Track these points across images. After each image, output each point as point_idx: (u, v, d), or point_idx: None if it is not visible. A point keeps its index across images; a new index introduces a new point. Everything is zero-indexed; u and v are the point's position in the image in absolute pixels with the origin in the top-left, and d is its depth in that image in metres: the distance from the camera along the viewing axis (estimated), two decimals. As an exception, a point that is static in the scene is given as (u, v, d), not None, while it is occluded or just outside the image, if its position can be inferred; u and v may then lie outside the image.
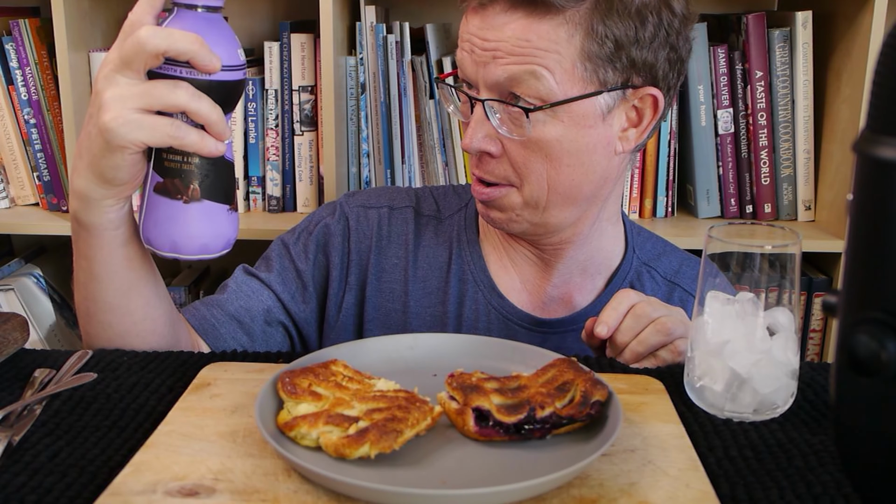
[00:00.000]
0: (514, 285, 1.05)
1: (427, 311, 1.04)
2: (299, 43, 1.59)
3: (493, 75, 0.88)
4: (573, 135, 0.90)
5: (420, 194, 1.12)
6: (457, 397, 0.67)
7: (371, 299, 1.05)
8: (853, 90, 1.53)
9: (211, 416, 0.69)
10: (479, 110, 0.90)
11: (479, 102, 0.90)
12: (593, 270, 1.05)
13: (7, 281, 1.64)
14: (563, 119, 0.89)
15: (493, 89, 0.89)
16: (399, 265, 1.06)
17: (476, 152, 0.92)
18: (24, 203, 1.70)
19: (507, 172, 0.92)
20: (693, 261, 1.10)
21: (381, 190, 1.13)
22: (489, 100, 0.90)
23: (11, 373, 0.81)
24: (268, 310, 1.03)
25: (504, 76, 0.87)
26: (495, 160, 0.92)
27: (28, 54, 1.59)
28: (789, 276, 0.72)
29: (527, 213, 0.95)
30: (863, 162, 0.46)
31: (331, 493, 0.58)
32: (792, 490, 0.62)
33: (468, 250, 1.06)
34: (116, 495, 0.58)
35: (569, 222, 0.97)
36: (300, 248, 1.06)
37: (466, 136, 0.91)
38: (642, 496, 0.59)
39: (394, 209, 1.08)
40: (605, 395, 0.67)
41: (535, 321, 1.03)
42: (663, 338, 0.84)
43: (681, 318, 0.86)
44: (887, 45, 0.44)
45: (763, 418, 0.73)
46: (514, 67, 0.87)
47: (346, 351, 0.77)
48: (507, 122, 0.90)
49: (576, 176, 0.92)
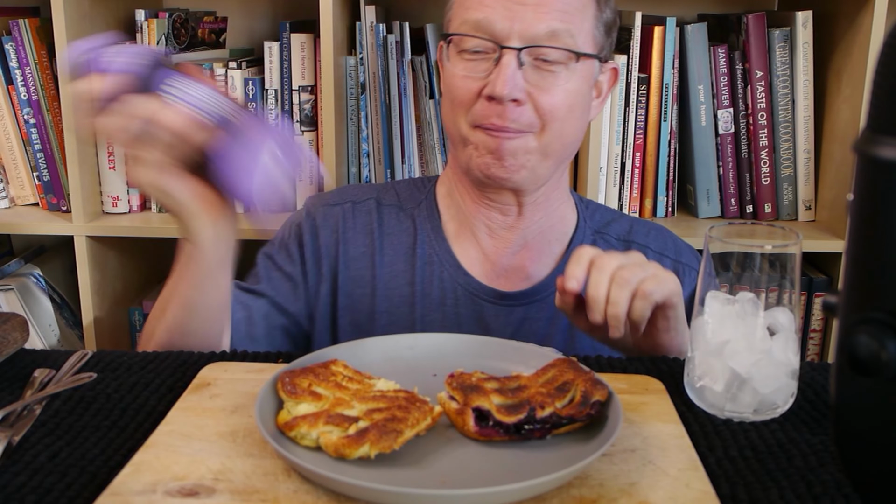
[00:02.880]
0: (476, 258, 1.10)
1: (395, 293, 1.08)
2: (299, 43, 1.59)
3: (534, 28, 0.97)
4: (584, 90, 1.02)
5: (381, 188, 1.17)
6: (457, 397, 0.67)
7: (343, 287, 1.10)
8: (853, 90, 1.53)
9: (211, 416, 0.69)
10: (511, 60, 0.97)
11: (511, 52, 0.96)
12: (551, 238, 1.11)
13: (7, 281, 1.63)
14: (583, 74, 1.01)
15: (528, 42, 0.97)
16: (366, 253, 1.10)
17: (509, 98, 0.97)
18: (24, 203, 1.70)
19: (531, 119, 0.99)
20: (641, 223, 1.16)
21: (344, 189, 1.19)
22: (538, 46, 0.97)
23: (11, 373, 0.81)
24: (266, 315, 1.07)
25: (546, 30, 0.97)
26: (520, 108, 0.98)
27: (28, 54, 1.59)
28: (789, 276, 0.72)
29: (534, 159, 1.01)
30: (863, 162, 0.46)
31: (331, 493, 0.58)
32: (792, 490, 0.62)
33: (432, 235, 1.11)
34: (116, 495, 0.58)
35: (549, 177, 1.05)
36: (283, 254, 1.11)
37: (503, 84, 0.96)
38: (642, 496, 0.59)
39: (356, 203, 1.14)
40: (605, 395, 0.67)
41: (499, 294, 1.08)
42: (628, 290, 0.84)
43: (637, 262, 0.86)
44: (887, 45, 0.44)
45: (763, 418, 0.73)
46: (556, 23, 0.97)
47: (346, 351, 0.77)
48: (537, 71, 0.98)
49: (577, 129, 1.04)
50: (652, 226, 1.16)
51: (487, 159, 1.01)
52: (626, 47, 1.55)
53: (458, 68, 1.02)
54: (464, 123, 1.02)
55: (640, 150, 1.61)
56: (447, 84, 1.04)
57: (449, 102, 1.04)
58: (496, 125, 0.99)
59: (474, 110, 1.00)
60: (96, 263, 1.60)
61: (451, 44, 1.03)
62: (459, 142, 1.04)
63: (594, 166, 1.56)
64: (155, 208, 1.66)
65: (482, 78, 0.99)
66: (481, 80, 0.99)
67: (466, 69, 1.01)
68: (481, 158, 1.01)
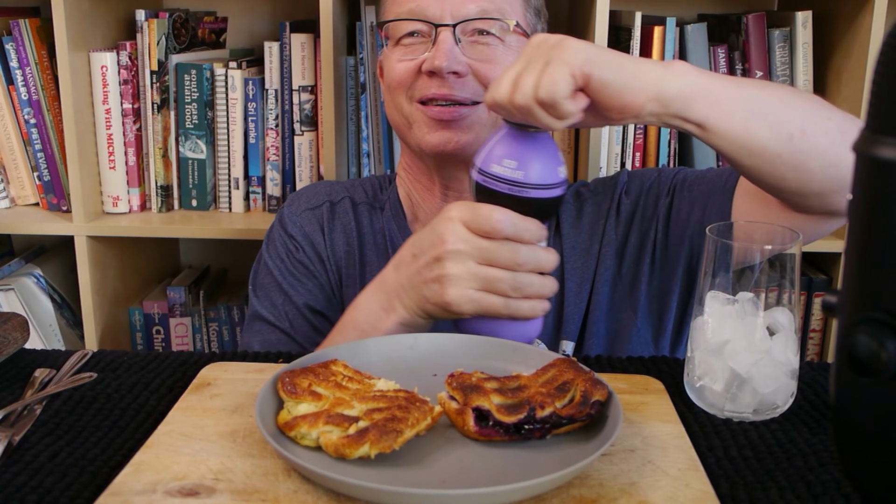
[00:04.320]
0: None
1: None
2: (299, 43, 1.59)
3: (465, 8, 1.01)
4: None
5: (349, 186, 1.19)
6: (457, 397, 0.67)
7: (344, 285, 1.11)
8: (853, 90, 1.53)
9: (211, 416, 0.69)
10: (448, 37, 1.00)
11: (447, 29, 1.00)
12: None
13: (7, 281, 1.63)
14: (518, 49, 1.01)
15: (459, 20, 1.01)
16: (350, 252, 1.12)
17: (448, 70, 0.99)
18: (24, 203, 1.70)
19: (476, 89, 1.02)
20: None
21: (314, 188, 1.19)
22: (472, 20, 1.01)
23: (11, 373, 0.81)
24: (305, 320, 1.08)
25: (476, 9, 1.01)
26: (461, 80, 1.01)
27: (28, 54, 1.59)
28: (789, 276, 0.72)
29: (488, 129, 1.02)
30: (863, 162, 0.46)
31: (331, 493, 0.58)
32: (792, 490, 0.62)
33: (398, 235, 1.12)
34: (116, 495, 0.58)
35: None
36: (299, 267, 1.11)
37: (442, 56, 0.99)
38: (642, 496, 0.59)
39: (334, 203, 1.15)
40: (605, 395, 0.67)
41: None
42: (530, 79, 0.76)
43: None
44: (887, 45, 0.44)
45: (763, 418, 0.73)
46: (485, 3, 1.01)
47: (346, 351, 0.77)
48: (475, 46, 1.02)
49: None
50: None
51: (436, 133, 1.02)
52: (626, 47, 1.55)
53: (396, 54, 1.04)
54: (404, 101, 1.04)
55: (640, 150, 1.61)
56: (386, 73, 1.06)
57: (388, 89, 1.06)
58: (438, 94, 1.00)
59: (415, 87, 1.03)
60: (96, 263, 1.60)
61: (388, 37, 1.05)
62: (404, 125, 1.06)
63: (594, 166, 1.56)
64: (155, 208, 1.66)
65: (419, 58, 1.02)
66: (418, 60, 1.02)
67: (404, 53, 1.04)
68: (430, 134, 1.02)
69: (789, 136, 0.78)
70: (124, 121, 1.60)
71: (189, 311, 1.75)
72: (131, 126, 1.61)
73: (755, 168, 0.81)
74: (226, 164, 1.66)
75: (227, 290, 1.87)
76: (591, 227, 1.09)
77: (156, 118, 1.61)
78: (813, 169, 0.80)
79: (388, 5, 1.07)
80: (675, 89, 0.76)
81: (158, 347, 1.77)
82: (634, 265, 1.07)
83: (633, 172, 1.13)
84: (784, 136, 0.78)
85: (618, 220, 1.08)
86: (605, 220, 1.09)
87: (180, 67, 1.61)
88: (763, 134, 0.78)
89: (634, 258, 1.07)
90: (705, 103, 0.77)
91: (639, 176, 1.11)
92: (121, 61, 1.57)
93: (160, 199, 1.65)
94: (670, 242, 1.05)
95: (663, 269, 1.06)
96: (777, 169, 0.80)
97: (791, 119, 0.79)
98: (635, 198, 1.09)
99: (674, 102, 0.77)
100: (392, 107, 1.07)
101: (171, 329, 1.75)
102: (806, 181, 0.81)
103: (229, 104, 1.62)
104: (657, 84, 0.76)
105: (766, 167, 0.80)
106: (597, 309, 1.07)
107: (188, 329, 1.75)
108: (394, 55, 1.05)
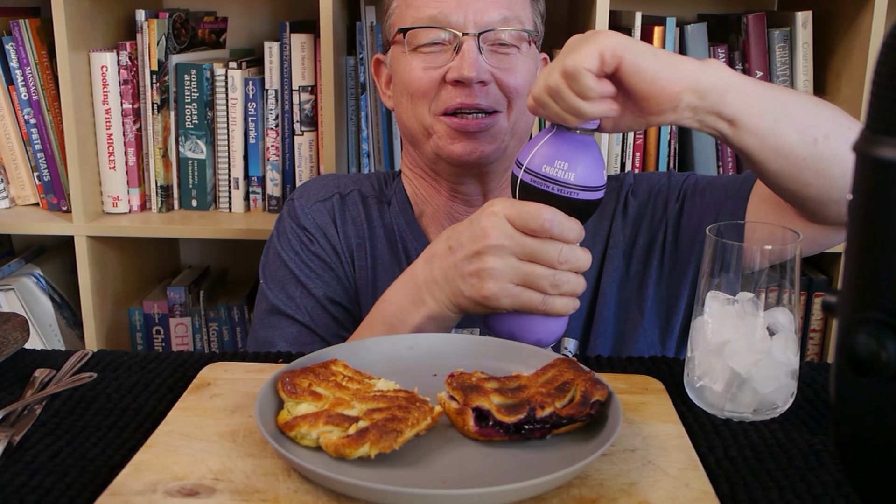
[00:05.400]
0: None
1: (388, 286, 1.07)
2: (299, 43, 1.59)
3: (487, 16, 1.01)
4: (535, 74, 1.06)
5: (357, 179, 1.18)
6: (457, 397, 0.67)
7: (360, 280, 1.11)
8: (853, 90, 1.53)
9: (211, 416, 0.69)
10: (473, 45, 1.00)
11: (471, 38, 1.00)
12: None
13: (7, 281, 1.63)
14: (532, 57, 1.06)
15: (484, 28, 1.01)
16: (361, 244, 1.12)
17: (477, 80, 1.00)
18: (24, 203, 1.70)
19: (498, 97, 1.03)
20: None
21: (323, 180, 1.19)
22: (495, 30, 1.01)
23: (11, 373, 0.81)
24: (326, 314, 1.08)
25: (498, 17, 1.02)
26: (485, 89, 1.02)
27: (28, 54, 1.59)
28: (789, 276, 0.72)
29: (508, 138, 1.05)
30: (863, 162, 0.46)
31: (331, 493, 0.58)
32: (792, 490, 0.62)
33: (407, 229, 1.12)
34: (116, 495, 0.58)
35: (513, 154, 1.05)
36: (315, 259, 1.10)
37: (470, 66, 0.99)
38: (642, 496, 0.59)
39: (344, 195, 1.15)
40: (605, 395, 0.67)
41: None
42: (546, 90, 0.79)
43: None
44: (887, 45, 0.44)
45: (763, 418, 0.73)
46: (505, 11, 1.02)
47: (346, 351, 0.77)
48: (495, 55, 1.03)
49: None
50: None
51: (459, 143, 1.02)
52: (626, 47, 1.55)
53: (416, 62, 1.03)
54: (427, 113, 1.04)
55: (640, 150, 1.61)
56: (404, 80, 1.05)
57: (408, 97, 1.05)
58: (466, 104, 1.01)
59: (439, 98, 1.02)
60: (96, 263, 1.60)
61: (405, 42, 1.04)
62: (422, 134, 1.05)
63: (594, 166, 1.56)
64: (155, 208, 1.66)
65: (442, 67, 1.02)
66: (442, 70, 1.01)
67: (425, 62, 1.03)
68: (453, 144, 1.03)
69: (814, 141, 0.80)
70: (124, 121, 1.60)
71: (189, 312, 1.75)
72: (131, 126, 1.61)
73: (780, 171, 0.82)
74: (226, 165, 1.66)
75: (227, 291, 1.87)
76: (595, 228, 1.09)
77: (156, 118, 1.61)
78: (835, 175, 0.81)
79: (404, 10, 1.06)
80: (711, 81, 0.77)
81: (158, 347, 1.77)
82: (642, 267, 1.08)
83: (640, 175, 1.13)
84: (810, 139, 0.80)
85: (624, 222, 1.09)
86: (610, 222, 1.10)
87: (180, 67, 1.61)
88: (791, 136, 0.79)
89: (642, 260, 1.08)
90: (738, 98, 0.78)
91: (647, 179, 1.11)
92: (121, 61, 1.57)
93: (160, 199, 1.65)
94: (680, 247, 1.05)
95: (672, 272, 1.07)
96: (801, 173, 0.81)
97: (816, 124, 0.80)
98: (643, 200, 1.09)
99: (710, 94, 0.77)
100: (411, 115, 1.06)
101: (171, 329, 1.75)
102: (827, 187, 0.82)
103: (229, 104, 1.62)
104: (695, 74, 0.77)
105: (792, 170, 0.81)
106: (604, 309, 1.07)
107: (188, 329, 1.75)
108: (414, 62, 1.04)
